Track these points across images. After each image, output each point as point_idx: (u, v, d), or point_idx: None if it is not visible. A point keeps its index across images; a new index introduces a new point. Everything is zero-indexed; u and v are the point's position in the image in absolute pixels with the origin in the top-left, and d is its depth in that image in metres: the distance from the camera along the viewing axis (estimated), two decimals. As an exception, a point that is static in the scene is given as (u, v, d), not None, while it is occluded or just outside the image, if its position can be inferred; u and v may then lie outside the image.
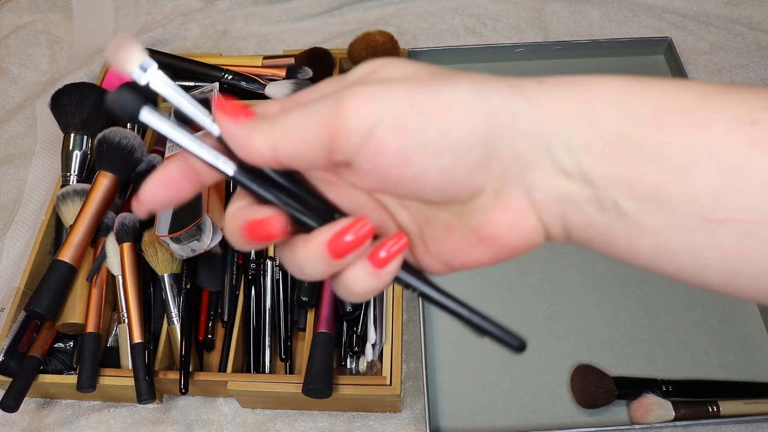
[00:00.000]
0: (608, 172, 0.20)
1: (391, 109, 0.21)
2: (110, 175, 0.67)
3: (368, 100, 0.21)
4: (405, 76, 0.23)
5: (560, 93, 0.21)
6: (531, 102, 0.21)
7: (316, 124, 0.22)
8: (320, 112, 0.22)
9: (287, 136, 0.22)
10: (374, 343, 0.61)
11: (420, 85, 0.22)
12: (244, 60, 0.84)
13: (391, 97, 0.21)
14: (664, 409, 0.59)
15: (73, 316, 0.62)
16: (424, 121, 0.21)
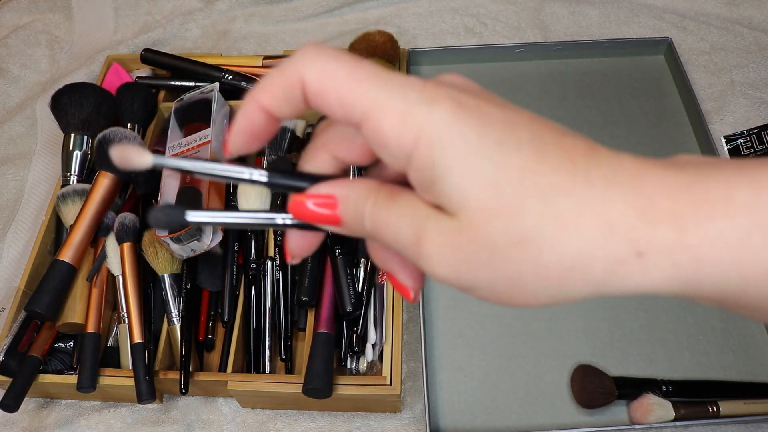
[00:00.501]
0: (701, 298, 0.20)
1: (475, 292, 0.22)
2: (110, 175, 0.67)
3: (444, 267, 0.21)
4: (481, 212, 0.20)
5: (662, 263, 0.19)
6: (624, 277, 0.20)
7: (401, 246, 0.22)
8: (405, 239, 0.22)
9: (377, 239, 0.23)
10: (374, 343, 0.61)
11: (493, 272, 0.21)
12: (244, 60, 0.84)
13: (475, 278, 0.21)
14: (664, 409, 0.59)
15: (73, 316, 0.62)
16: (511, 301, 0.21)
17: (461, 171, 0.20)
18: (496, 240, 0.20)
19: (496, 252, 0.20)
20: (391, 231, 0.22)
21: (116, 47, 0.96)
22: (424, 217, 0.22)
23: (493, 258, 0.20)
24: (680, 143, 0.81)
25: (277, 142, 0.73)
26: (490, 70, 0.90)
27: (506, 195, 0.20)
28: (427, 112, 0.21)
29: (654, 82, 0.88)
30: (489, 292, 0.21)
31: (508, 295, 0.21)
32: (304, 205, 0.24)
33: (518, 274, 0.20)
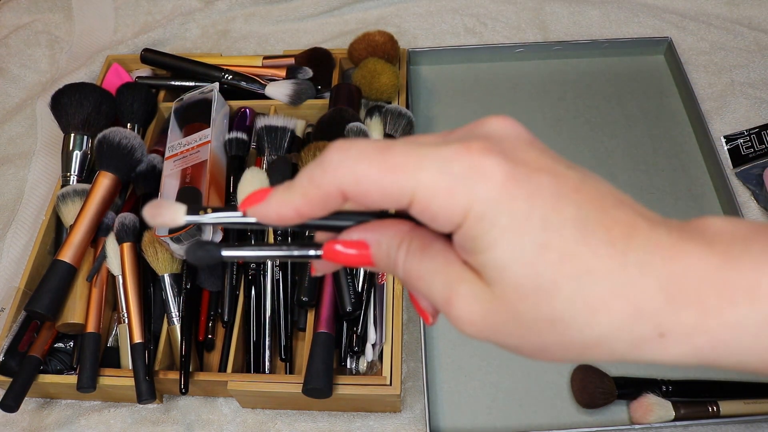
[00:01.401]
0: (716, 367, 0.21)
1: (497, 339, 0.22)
2: (110, 175, 0.67)
3: (476, 330, 0.22)
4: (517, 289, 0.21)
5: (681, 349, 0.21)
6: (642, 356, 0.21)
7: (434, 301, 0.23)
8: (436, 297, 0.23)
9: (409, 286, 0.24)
10: (374, 343, 0.61)
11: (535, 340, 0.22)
12: (244, 60, 0.84)
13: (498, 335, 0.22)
14: (664, 409, 0.59)
15: (73, 316, 0.62)
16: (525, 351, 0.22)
17: (504, 248, 0.21)
18: (527, 316, 0.21)
19: (525, 325, 0.21)
20: (423, 284, 0.23)
21: (116, 47, 0.96)
22: (458, 278, 0.22)
23: (521, 330, 0.21)
24: (680, 143, 0.81)
25: (277, 142, 0.73)
26: (490, 70, 0.90)
27: (543, 277, 0.20)
28: (476, 187, 0.21)
29: (654, 82, 0.88)
30: (514, 351, 0.23)
31: (532, 356, 0.22)
32: (336, 251, 0.24)
33: (544, 344, 0.22)
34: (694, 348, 0.20)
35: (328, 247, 0.24)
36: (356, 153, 0.22)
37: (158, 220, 0.24)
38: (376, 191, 0.22)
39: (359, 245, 0.24)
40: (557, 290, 0.20)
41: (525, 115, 0.84)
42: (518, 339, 0.22)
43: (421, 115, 0.86)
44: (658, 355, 0.21)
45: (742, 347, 0.20)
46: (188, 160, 0.68)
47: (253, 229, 0.25)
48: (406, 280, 0.24)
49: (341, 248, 0.24)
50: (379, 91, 0.78)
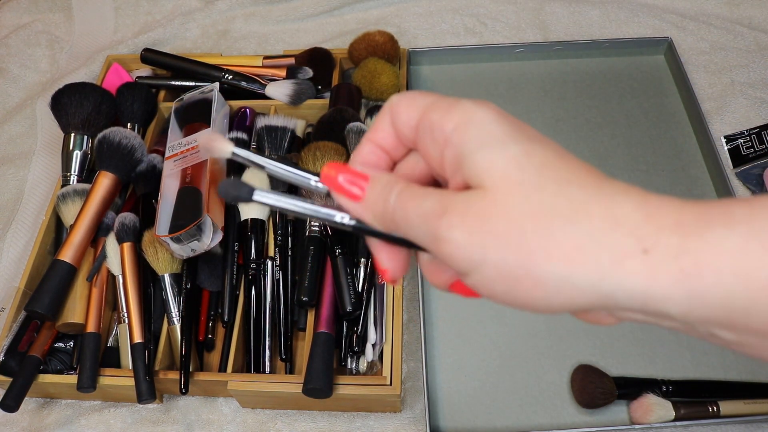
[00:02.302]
0: (708, 323, 0.21)
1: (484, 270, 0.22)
2: (110, 175, 0.67)
3: (463, 254, 0.22)
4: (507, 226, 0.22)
5: (666, 269, 0.20)
6: (628, 280, 0.21)
7: (421, 239, 0.24)
8: (423, 235, 0.23)
9: (400, 230, 0.25)
10: (374, 343, 0.61)
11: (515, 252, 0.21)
12: (244, 60, 0.84)
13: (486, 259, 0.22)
14: (664, 409, 0.59)
15: (73, 316, 0.62)
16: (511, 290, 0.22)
17: (491, 147, 0.23)
18: (514, 209, 0.22)
19: (512, 222, 0.22)
20: (415, 204, 0.24)
21: (116, 47, 0.96)
22: (452, 194, 0.23)
23: (508, 228, 0.22)
24: (680, 143, 0.81)
25: (277, 142, 0.73)
26: (490, 70, 0.90)
27: (528, 172, 0.22)
28: (473, 108, 0.24)
29: (654, 82, 0.88)
30: (496, 272, 0.22)
31: (514, 278, 0.22)
32: (334, 179, 0.26)
33: (528, 250, 0.21)
34: (681, 272, 0.20)
35: (327, 173, 0.26)
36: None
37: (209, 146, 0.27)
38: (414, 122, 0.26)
39: (360, 178, 0.26)
40: (541, 186, 0.22)
41: (525, 116, 0.84)
42: (504, 244, 0.22)
43: (421, 115, 0.86)
44: (646, 281, 0.20)
45: (726, 275, 0.20)
46: (188, 160, 0.68)
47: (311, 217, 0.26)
48: (396, 205, 0.24)
49: (341, 178, 0.26)
50: (380, 91, 0.78)
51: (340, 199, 0.26)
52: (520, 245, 0.21)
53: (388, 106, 0.27)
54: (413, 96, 0.26)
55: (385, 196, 0.25)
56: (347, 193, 0.26)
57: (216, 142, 0.27)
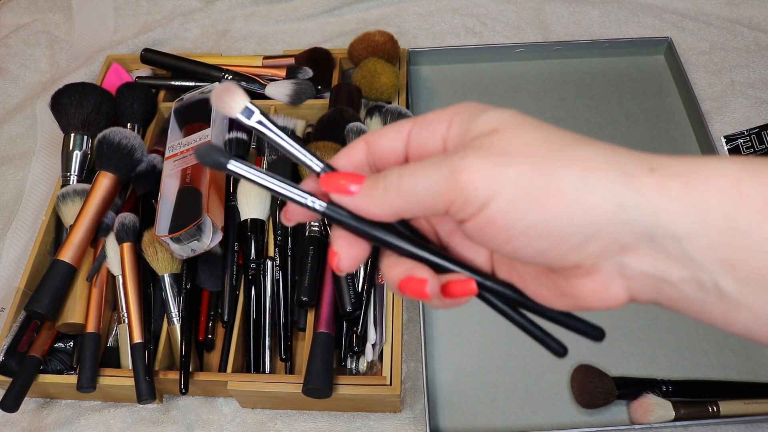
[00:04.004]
0: (713, 257, 0.21)
1: (504, 190, 0.22)
2: (110, 175, 0.67)
3: (483, 176, 0.22)
4: (522, 149, 0.23)
5: (671, 183, 0.21)
6: (639, 193, 0.21)
7: (433, 192, 0.23)
8: (436, 180, 0.23)
9: (405, 204, 0.24)
10: (374, 343, 0.61)
11: (533, 164, 0.22)
12: (244, 60, 0.84)
13: (506, 177, 0.22)
14: (664, 409, 0.59)
15: (73, 316, 0.62)
16: (531, 206, 0.22)
17: (496, 109, 0.24)
18: (527, 135, 0.23)
19: (527, 145, 0.23)
20: (421, 165, 0.24)
21: (116, 47, 0.96)
22: (461, 150, 0.23)
23: (524, 148, 0.22)
24: (680, 143, 0.81)
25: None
26: (490, 70, 0.90)
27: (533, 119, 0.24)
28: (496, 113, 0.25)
29: (654, 82, 0.88)
30: (516, 190, 0.22)
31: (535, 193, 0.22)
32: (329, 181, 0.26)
33: (546, 162, 0.22)
34: (686, 187, 0.21)
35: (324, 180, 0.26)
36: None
37: (218, 103, 0.26)
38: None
39: (355, 176, 0.25)
40: (548, 126, 0.23)
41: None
42: (523, 159, 0.22)
43: (421, 115, 0.86)
44: (656, 194, 0.21)
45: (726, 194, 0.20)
46: (188, 160, 0.68)
47: (282, 196, 0.26)
48: (400, 181, 0.24)
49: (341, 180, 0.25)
50: (379, 91, 0.78)
51: (337, 197, 0.25)
52: (537, 159, 0.22)
53: (364, 139, 0.28)
54: (390, 125, 0.27)
55: (383, 181, 0.25)
56: (343, 188, 0.25)
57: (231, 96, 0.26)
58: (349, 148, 0.28)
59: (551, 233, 0.22)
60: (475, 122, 0.24)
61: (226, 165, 0.25)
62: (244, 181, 0.25)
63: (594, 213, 0.21)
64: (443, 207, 0.23)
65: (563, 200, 0.21)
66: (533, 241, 0.22)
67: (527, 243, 0.23)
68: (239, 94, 0.26)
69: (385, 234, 0.26)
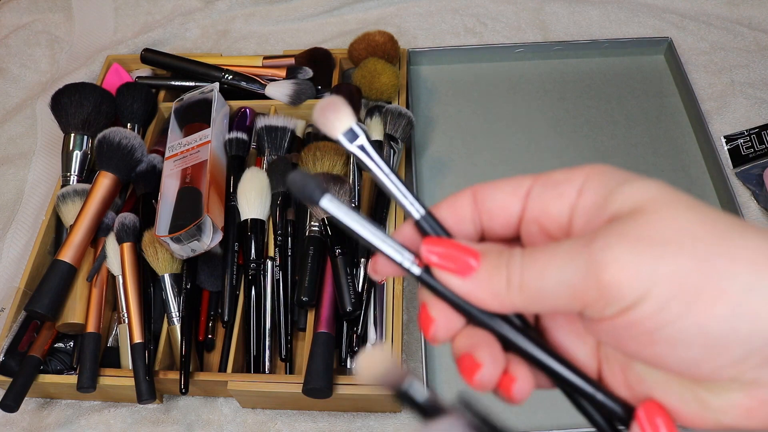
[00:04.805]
0: None
1: (656, 290, 0.18)
2: (110, 175, 0.67)
3: (631, 274, 0.18)
4: (676, 238, 0.19)
5: None
6: None
7: (566, 292, 0.20)
8: (570, 277, 0.19)
9: (530, 302, 0.20)
10: (374, 343, 0.61)
11: (693, 258, 0.18)
12: (244, 60, 0.84)
13: (659, 274, 0.18)
14: (664, 409, 0.58)
15: (73, 316, 0.62)
16: (688, 309, 0.18)
17: (637, 179, 0.20)
18: (680, 217, 0.19)
19: (682, 229, 0.19)
20: (548, 254, 0.20)
21: (116, 47, 0.96)
22: (602, 234, 0.19)
23: (679, 235, 0.19)
24: (680, 143, 0.81)
25: (277, 142, 0.73)
26: (490, 70, 0.90)
27: (682, 194, 0.20)
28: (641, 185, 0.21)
29: (654, 82, 0.88)
30: (672, 287, 0.18)
31: (694, 291, 0.18)
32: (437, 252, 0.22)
33: (708, 254, 0.18)
34: None
35: (430, 247, 0.22)
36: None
37: (321, 119, 0.23)
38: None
39: (470, 251, 0.21)
40: (702, 206, 0.20)
41: (525, 115, 0.84)
42: (678, 249, 0.18)
43: (421, 115, 0.86)
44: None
45: None
46: (188, 160, 0.68)
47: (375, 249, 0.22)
48: (522, 284, 0.20)
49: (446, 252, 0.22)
50: (379, 91, 0.78)
51: (446, 276, 0.21)
52: (697, 251, 0.18)
53: (472, 190, 0.23)
54: (506, 179, 0.23)
55: (504, 264, 0.21)
56: (457, 267, 0.21)
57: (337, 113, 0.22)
58: (453, 198, 0.23)
59: (707, 342, 0.18)
60: (614, 196, 0.20)
61: (319, 201, 0.22)
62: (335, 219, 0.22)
63: (760, 321, 0.18)
64: (578, 308, 0.20)
65: (727, 304, 0.18)
66: (682, 350, 0.19)
67: (673, 352, 0.19)
68: (346, 112, 0.23)
69: (491, 319, 0.22)
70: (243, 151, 0.73)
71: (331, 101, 0.23)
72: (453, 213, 0.23)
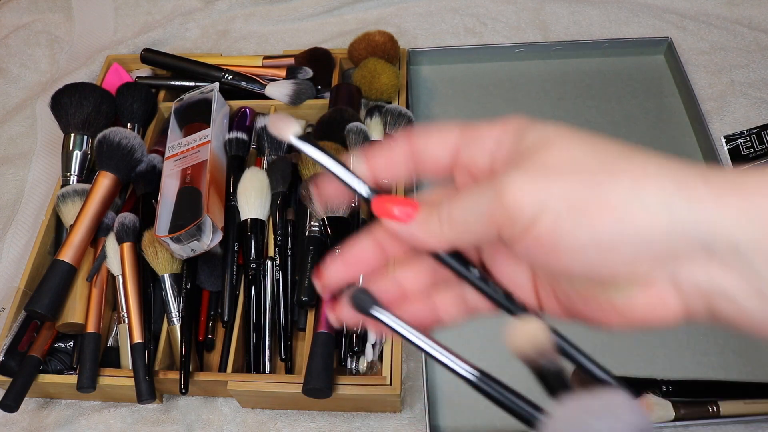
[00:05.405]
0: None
1: (550, 207, 0.22)
2: (110, 175, 0.67)
3: (527, 194, 0.22)
4: (568, 163, 0.22)
5: (728, 193, 0.20)
6: (693, 203, 0.21)
7: (483, 219, 0.23)
8: (483, 206, 0.23)
9: (457, 234, 0.24)
10: (374, 343, 0.61)
11: (580, 178, 0.22)
12: (244, 60, 0.84)
13: (551, 193, 0.22)
14: (664, 409, 0.59)
15: (73, 316, 0.62)
16: (579, 222, 0.21)
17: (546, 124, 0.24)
18: (573, 150, 0.22)
19: (574, 159, 0.22)
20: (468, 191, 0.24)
21: (116, 47, 0.96)
22: (507, 168, 0.23)
23: (570, 163, 0.22)
24: (680, 143, 0.81)
25: (277, 142, 0.73)
26: (490, 70, 0.90)
27: (582, 133, 0.23)
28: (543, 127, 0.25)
29: (654, 82, 0.88)
30: (563, 205, 0.21)
31: (582, 207, 0.21)
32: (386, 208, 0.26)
33: (594, 176, 0.22)
34: (744, 198, 0.20)
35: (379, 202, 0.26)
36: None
37: (274, 128, 0.26)
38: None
39: (411, 203, 0.25)
40: (597, 140, 0.23)
41: (525, 115, 0.84)
42: (569, 174, 0.22)
43: (421, 115, 0.86)
44: (713, 205, 0.20)
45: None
46: (188, 160, 0.68)
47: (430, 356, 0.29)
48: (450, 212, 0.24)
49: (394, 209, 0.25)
50: (379, 91, 0.78)
51: (392, 224, 0.25)
52: (584, 173, 0.22)
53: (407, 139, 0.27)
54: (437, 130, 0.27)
55: (436, 208, 0.25)
56: (397, 216, 0.25)
57: (282, 123, 0.26)
58: (390, 145, 0.27)
59: (599, 248, 0.21)
60: (522, 140, 0.24)
61: (370, 310, 0.26)
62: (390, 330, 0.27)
63: (644, 225, 0.21)
64: (495, 232, 0.23)
65: (612, 214, 0.21)
66: (581, 257, 0.22)
67: (574, 259, 0.22)
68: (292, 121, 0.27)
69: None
70: (243, 151, 0.73)
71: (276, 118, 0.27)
72: (389, 160, 0.27)
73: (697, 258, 0.21)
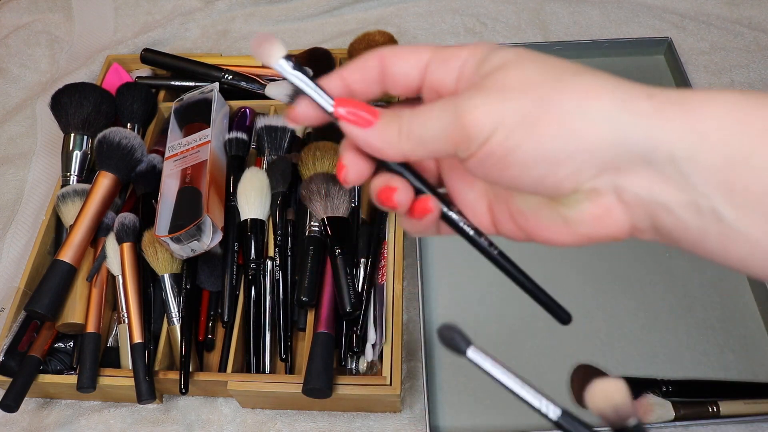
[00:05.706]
0: (711, 180, 0.21)
1: (504, 123, 0.23)
2: (110, 175, 0.67)
3: (484, 114, 0.23)
4: (522, 83, 0.23)
5: (670, 108, 0.22)
6: (635, 116, 0.22)
7: (441, 136, 0.24)
8: (443, 124, 0.24)
9: (415, 147, 0.25)
10: (374, 343, 0.61)
11: (532, 96, 0.23)
12: (244, 60, 0.84)
13: (505, 111, 0.23)
14: (664, 409, 0.59)
15: (73, 316, 0.62)
16: (527, 135, 0.23)
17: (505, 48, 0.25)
18: (526, 70, 0.23)
19: (527, 78, 0.23)
20: (428, 108, 0.25)
21: (116, 47, 0.96)
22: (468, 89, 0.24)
23: (523, 82, 0.23)
24: (680, 143, 0.81)
25: (277, 142, 0.73)
26: (490, 70, 0.90)
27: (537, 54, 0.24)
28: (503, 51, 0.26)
29: (654, 82, 0.87)
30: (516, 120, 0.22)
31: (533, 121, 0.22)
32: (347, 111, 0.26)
33: (544, 93, 0.23)
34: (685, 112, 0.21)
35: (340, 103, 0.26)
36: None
37: (257, 51, 0.26)
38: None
39: (371, 109, 0.26)
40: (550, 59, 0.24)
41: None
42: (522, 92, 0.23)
43: (421, 115, 0.86)
44: (655, 119, 0.21)
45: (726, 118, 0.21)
46: (188, 160, 0.68)
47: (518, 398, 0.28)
48: (410, 123, 0.25)
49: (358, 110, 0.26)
50: (379, 91, 0.78)
51: (350, 128, 0.26)
52: (535, 91, 0.23)
53: (379, 55, 0.27)
54: (409, 49, 0.27)
55: (396, 119, 0.25)
56: (358, 120, 0.25)
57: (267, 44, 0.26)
58: (363, 61, 0.27)
59: (546, 160, 0.23)
60: (484, 63, 0.25)
61: (465, 352, 0.26)
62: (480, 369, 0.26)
63: (587, 137, 0.22)
64: (451, 149, 0.24)
65: (556, 126, 0.22)
66: (529, 169, 0.23)
67: (524, 172, 0.23)
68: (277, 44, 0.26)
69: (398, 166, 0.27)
70: (243, 151, 0.73)
71: (265, 38, 0.26)
72: (361, 75, 0.27)
73: (639, 170, 0.22)
